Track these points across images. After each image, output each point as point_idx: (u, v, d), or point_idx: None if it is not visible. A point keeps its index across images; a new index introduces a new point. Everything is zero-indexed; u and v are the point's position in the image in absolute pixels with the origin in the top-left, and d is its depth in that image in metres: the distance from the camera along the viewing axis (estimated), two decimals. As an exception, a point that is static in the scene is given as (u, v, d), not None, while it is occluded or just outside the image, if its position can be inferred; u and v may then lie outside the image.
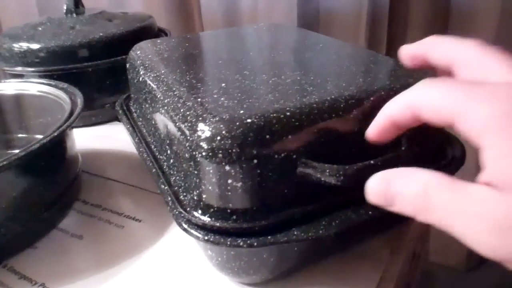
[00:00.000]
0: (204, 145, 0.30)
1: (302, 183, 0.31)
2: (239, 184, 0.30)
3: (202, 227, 0.32)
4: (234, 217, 0.31)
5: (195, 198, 0.33)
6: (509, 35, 0.87)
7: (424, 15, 0.92)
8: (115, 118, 0.66)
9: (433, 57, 0.29)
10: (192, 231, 0.32)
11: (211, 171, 0.31)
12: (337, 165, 0.30)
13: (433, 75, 0.31)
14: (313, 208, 0.32)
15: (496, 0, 0.86)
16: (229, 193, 0.31)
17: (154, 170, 0.40)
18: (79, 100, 0.48)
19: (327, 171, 0.30)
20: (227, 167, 0.30)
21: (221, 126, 0.30)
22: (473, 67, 0.26)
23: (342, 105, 0.33)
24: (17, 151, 0.49)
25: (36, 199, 0.43)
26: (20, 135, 0.57)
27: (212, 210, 0.32)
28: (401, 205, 0.24)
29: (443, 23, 0.92)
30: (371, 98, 0.34)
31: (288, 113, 0.31)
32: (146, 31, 0.70)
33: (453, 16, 0.92)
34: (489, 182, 0.21)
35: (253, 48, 0.51)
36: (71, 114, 0.45)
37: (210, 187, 0.31)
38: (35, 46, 0.63)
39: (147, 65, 0.45)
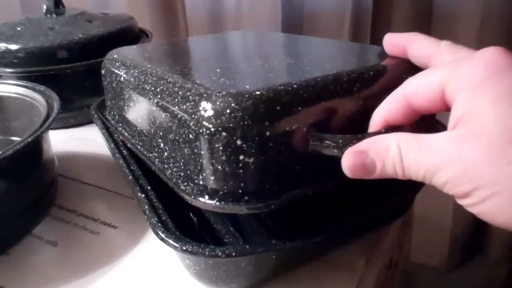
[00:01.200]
0: (212, 120, 0.29)
1: (314, 158, 0.30)
2: (251, 160, 0.29)
3: (179, 237, 0.32)
4: (246, 197, 0.29)
5: (201, 183, 0.31)
6: (490, 36, 0.89)
7: (407, 16, 0.94)
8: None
9: (412, 48, 0.33)
10: (170, 241, 0.31)
11: (220, 148, 0.29)
12: None
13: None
14: (323, 186, 0.32)
15: (477, 2, 0.87)
16: (241, 171, 0.29)
17: (130, 177, 0.39)
18: (56, 104, 0.47)
19: (340, 141, 0.29)
20: (238, 142, 0.28)
21: (230, 99, 0.29)
22: (449, 58, 0.29)
23: (345, 79, 0.32)
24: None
25: (9, 205, 0.42)
26: (-3, 137, 0.56)
27: (221, 193, 0.30)
28: (381, 170, 0.26)
29: (425, 24, 0.95)
30: (371, 73, 0.34)
31: (295, 86, 0.30)
32: (126, 32, 0.69)
33: (436, 17, 0.94)
34: (456, 123, 0.24)
35: (240, 49, 0.50)
36: (47, 118, 0.44)
37: (219, 167, 0.29)
38: (13, 46, 0.61)
39: (128, 64, 0.44)
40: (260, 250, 0.31)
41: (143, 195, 0.37)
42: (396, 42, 0.34)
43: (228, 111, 0.28)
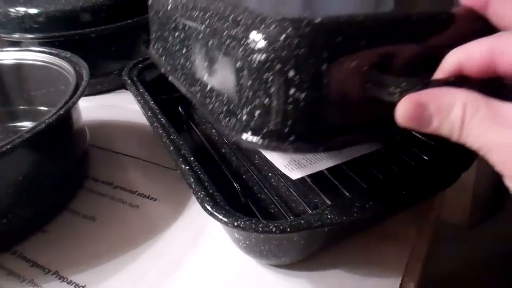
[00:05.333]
0: (264, 46, 0.25)
1: (371, 103, 0.27)
2: (303, 95, 0.25)
3: (229, 211, 0.30)
4: (292, 138, 0.26)
5: (244, 118, 0.27)
6: None
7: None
8: (122, 86, 0.63)
9: (497, 7, 0.28)
10: (221, 216, 0.30)
11: (270, 78, 0.25)
12: None
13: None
14: (376, 135, 0.29)
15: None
16: (289, 107, 0.26)
17: (172, 148, 0.37)
18: (85, 72, 0.44)
19: (403, 84, 0.25)
20: (291, 73, 0.25)
21: (287, 23, 0.25)
22: None
23: (415, 19, 0.29)
24: (19, 124, 0.46)
25: (44, 179, 0.40)
26: (21, 107, 0.53)
27: (266, 130, 0.27)
28: (437, 128, 0.24)
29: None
30: (443, 15, 0.30)
31: (360, 19, 0.27)
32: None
33: None
34: None
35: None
36: (76, 87, 0.42)
37: (266, 100, 0.26)
38: (33, 10, 0.58)
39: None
40: (315, 225, 0.29)
41: (187, 167, 0.35)
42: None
43: (283, 37, 0.25)
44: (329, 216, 0.29)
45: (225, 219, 0.30)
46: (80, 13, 0.59)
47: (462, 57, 0.25)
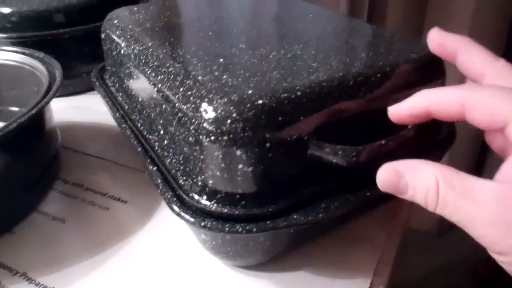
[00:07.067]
0: (212, 129, 0.28)
1: (312, 165, 0.30)
2: (250, 169, 0.29)
3: (196, 211, 0.31)
4: (243, 202, 0.30)
5: (200, 183, 0.31)
6: (485, 18, 0.88)
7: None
8: (93, 88, 0.63)
9: (464, 58, 0.30)
10: (187, 216, 0.30)
11: (220, 156, 0.29)
12: (346, 145, 0.29)
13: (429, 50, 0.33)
14: (320, 189, 0.31)
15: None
16: (239, 178, 0.29)
17: (140, 149, 0.38)
18: (57, 72, 0.44)
19: (340, 152, 0.29)
20: (238, 152, 0.28)
21: (231, 108, 0.28)
22: (506, 84, 0.26)
23: (351, 83, 0.32)
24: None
25: (14, 180, 0.40)
26: (-9, 107, 0.53)
27: (219, 196, 0.30)
28: (412, 196, 0.25)
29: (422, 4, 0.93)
30: (378, 75, 0.33)
31: (299, 93, 0.30)
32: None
33: None
34: (507, 177, 0.23)
35: (241, 17, 0.48)
36: (49, 87, 0.42)
37: (218, 173, 0.29)
38: (6, 10, 0.58)
39: (129, 37, 0.42)
40: (281, 226, 0.30)
41: (155, 168, 0.35)
42: (446, 44, 0.31)
43: (229, 121, 0.28)
44: (294, 217, 0.30)
45: (191, 219, 0.30)
46: (54, 14, 0.59)
47: (431, 102, 0.27)
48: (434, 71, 0.35)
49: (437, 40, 0.32)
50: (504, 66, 0.28)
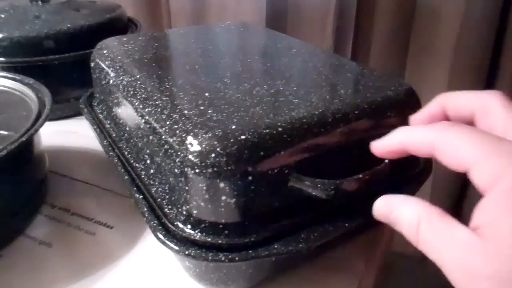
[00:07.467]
0: (197, 162, 0.30)
1: (293, 197, 0.32)
2: (233, 201, 0.30)
3: (180, 240, 0.32)
4: (226, 232, 0.31)
5: (185, 213, 0.32)
6: (471, 34, 0.90)
7: (391, 10, 0.94)
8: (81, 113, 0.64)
9: (451, 109, 0.29)
10: (172, 245, 0.32)
11: (204, 187, 0.30)
12: (325, 179, 0.31)
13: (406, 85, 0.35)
14: (301, 219, 0.33)
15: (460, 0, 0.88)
16: (222, 209, 0.31)
17: (126, 177, 0.39)
18: (47, 100, 0.46)
19: (319, 185, 0.30)
20: (221, 184, 0.30)
21: (215, 143, 0.30)
22: (494, 117, 0.27)
23: (329, 120, 0.33)
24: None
25: (1, 205, 0.41)
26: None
27: (203, 225, 0.31)
28: (400, 229, 0.27)
29: (409, 17, 0.95)
30: (356, 112, 0.35)
31: (280, 129, 0.31)
32: (115, 22, 0.68)
33: (418, 14, 0.94)
34: (477, 227, 0.23)
35: (227, 51, 0.50)
36: (39, 114, 0.43)
37: (202, 203, 0.31)
38: (-3, 35, 0.59)
39: (118, 68, 0.44)
40: (263, 255, 0.31)
41: (141, 196, 0.36)
42: (432, 115, 0.30)
43: (213, 155, 0.29)
44: (276, 247, 0.31)
45: (176, 248, 0.31)
46: (44, 40, 0.60)
47: (405, 141, 0.28)
48: (410, 104, 0.37)
49: (425, 117, 0.30)
50: (496, 97, 0.27)
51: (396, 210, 0.27)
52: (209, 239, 0.31)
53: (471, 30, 0.89)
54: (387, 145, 0.29)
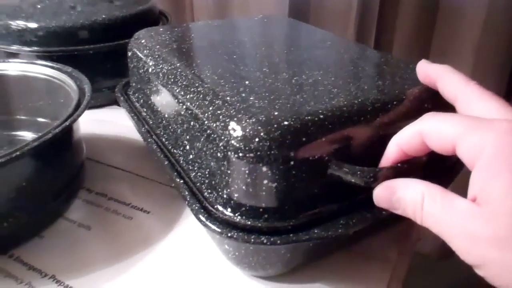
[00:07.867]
0: (240, 146, 0.30)
1: (331, 183, 0.32)
2: (274, 185, 0.31)
3: (221, 222, 0.33)
4: (266, 215, 0.32)
5: (225, 196, 0.33)
6: (494, 33, 0.89)
7: (414, 5, 0.94)
8: (114, 102, 0.65)
9: (441, 86, 0.33)
10: (214, 227, 0.32)
11: (246, 171, 0.31)
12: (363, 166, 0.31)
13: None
14: (338, 206, 0.34)
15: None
16: (263, 193, 0.31)
17: (166, 163, 0.40)
18: (87, 87, 0.47)
19: (358, 173, 0.31)
20: (264, 168, 0.30)
21: (259, 127, 0.30)
22: (474, 106, 0.30)
23: (369, 109, 0.34)
24: (14, 133, 0.48)
25: (44, 188, 0.42)
26: (19, 117, 0.55)
27: (243, 209, 0.32)
28: (403, 210, 0.28)
29: (433, 13, 0.94)
30: (395, 103, 0.35)
31: (321, 116, 0.32)
32: (148, 14, 0.69)
33: (441, 12, 0.94)
34: (474, 198, 0.25)
35: (263, 43, 0.50)
36: (79, 102, 0.44)
37: (243, 187, 0.31)
38: (33, 25, 0.60)
39: (157, 56, 0.45)
40: (304, 239, 0.31)
41: (182, 181, 0.37)
42: (429, 74, 0.35)
43: (256, 139, 0.30)
44: (315, 231, 0.32)
45: (218, 230, 0.32)
46: (80, 30, 0.61)
47: (400, 143, 0.31)
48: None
49: (422, 71, 0.35)
50: (473, 91, 0.30)
51: (398, 192, 0.29)
52: (249, 222, 0.32)
53: (494, 28, 0.88)
54: (390, 158, 0.31)
